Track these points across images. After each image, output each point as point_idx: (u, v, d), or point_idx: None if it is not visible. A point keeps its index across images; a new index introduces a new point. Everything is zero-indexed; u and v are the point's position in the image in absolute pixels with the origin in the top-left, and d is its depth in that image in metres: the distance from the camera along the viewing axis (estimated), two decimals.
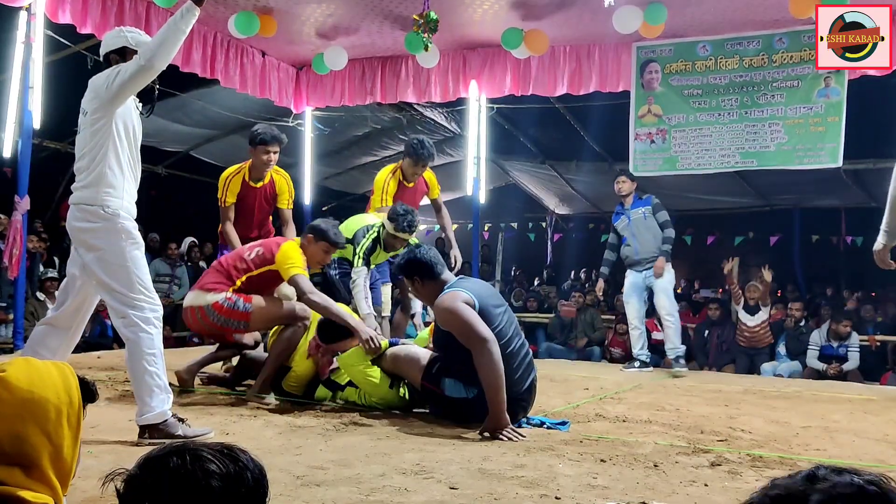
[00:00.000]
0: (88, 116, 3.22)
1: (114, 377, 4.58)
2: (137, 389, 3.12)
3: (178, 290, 9.13)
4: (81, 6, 5.64)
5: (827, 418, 4.21)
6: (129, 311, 3.12)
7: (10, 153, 5.86)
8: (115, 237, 3.14)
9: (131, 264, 3.14)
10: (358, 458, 2.88)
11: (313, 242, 4.29)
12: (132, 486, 1.11)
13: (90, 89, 3.24)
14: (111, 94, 3.13)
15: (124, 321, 3.13)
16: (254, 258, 4.24)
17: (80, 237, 3.22)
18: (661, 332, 8.02)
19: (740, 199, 11.07)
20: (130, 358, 3.13)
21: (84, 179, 3.21)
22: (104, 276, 3.14)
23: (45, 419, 1.28)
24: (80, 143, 3.26)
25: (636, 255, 6.51)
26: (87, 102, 3.25)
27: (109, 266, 3.13)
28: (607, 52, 6.88)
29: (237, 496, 1.10)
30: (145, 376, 3.10)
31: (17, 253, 5.48)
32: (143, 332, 3.12)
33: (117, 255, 3.13)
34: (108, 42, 3.39)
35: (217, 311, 4.12)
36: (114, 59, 3.31)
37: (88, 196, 3.17)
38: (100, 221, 3.15)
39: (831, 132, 6.25)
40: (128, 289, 3.12)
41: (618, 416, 3.97)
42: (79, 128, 3.30)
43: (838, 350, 7.41)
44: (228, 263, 4.30)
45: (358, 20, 6.62)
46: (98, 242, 3.15)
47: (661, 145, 6.82)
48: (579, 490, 2.53)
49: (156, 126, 8.76)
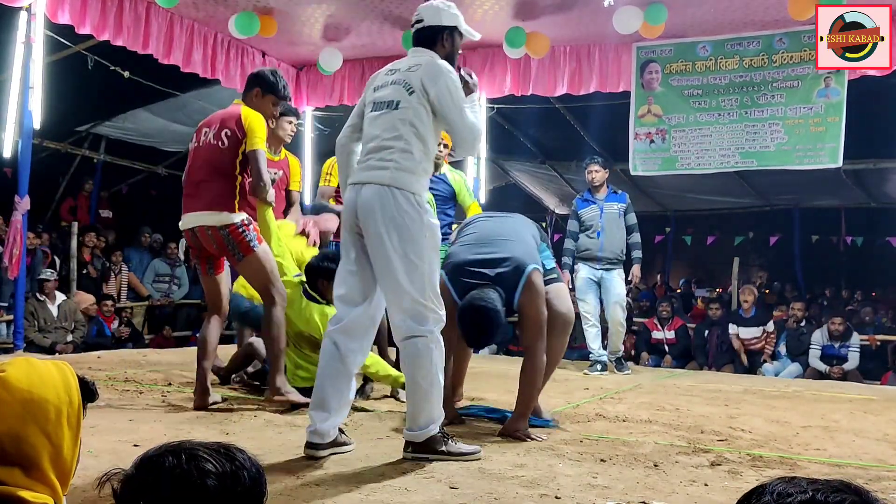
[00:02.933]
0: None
1: (114, 377, 4.58)
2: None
3: (177, 290, 9.13)
4: (81, 6, 5.65)
5: (827, 418, 4.21)
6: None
7: (11, 153, 5.87)
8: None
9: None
10: (358, 457, 2.88)
11: (260, 97, 3.83)
12: (128, 486, 1.11)
13: (418, 69, 2.88)
14: (432, 102, 2.84)
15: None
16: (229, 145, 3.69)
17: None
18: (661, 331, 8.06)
19: (740, 199, 11.07)
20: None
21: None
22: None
23: (45, 419, 1.28)
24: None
25: (600, 250, 6.08)
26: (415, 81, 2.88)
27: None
28: (607, 53, 6.88)
29: (234, 495, 1.09)
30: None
31: (17, 253, 5.48)
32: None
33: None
34: (444, 16, 2.99)
35: (231, 233, 3.68)
36: (445, 39, 2.99)
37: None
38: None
39: (831, 132, 6.26)
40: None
41: (618, 416, 3.96)
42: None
43: (840, 350, 7.41)
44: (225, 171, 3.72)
45: (358, 20, 6.62)
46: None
47: (661, 145, 6.83)
48: (579, 490, 2.53)
49: (156, 126, 8.78)
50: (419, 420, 2.85)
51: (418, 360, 2.80)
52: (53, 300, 7.06)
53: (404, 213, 2.78)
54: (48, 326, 6.93)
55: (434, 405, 2.85)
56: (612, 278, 6.13)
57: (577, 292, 6.14)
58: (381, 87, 2.96)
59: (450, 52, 3.01)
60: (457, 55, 3.08)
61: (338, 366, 2.87)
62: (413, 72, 2.88)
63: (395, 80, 2.91)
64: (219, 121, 3.80)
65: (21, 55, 5.55)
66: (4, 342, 6.60)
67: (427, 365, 2.80)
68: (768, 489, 0.96)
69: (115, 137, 9.31)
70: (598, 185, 6.23)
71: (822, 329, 7.59)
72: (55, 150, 8.91)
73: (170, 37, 6.36)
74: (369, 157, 2.90)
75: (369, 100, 3.00)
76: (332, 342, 2.88)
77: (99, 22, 5.79)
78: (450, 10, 3.02)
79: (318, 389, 2.89)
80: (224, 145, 3.71)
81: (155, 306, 8.96)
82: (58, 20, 5.59)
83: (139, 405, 3.76)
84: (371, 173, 2.85)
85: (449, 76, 2.85)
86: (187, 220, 3.77)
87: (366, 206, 2.81)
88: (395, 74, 2.93)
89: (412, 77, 2.86)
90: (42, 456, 1.27)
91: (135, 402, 3.85)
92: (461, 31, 3.05)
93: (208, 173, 3.73)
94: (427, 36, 2.99)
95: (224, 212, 3.66)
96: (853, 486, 0.94)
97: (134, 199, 10.87)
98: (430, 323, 2.81)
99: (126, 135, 9.16)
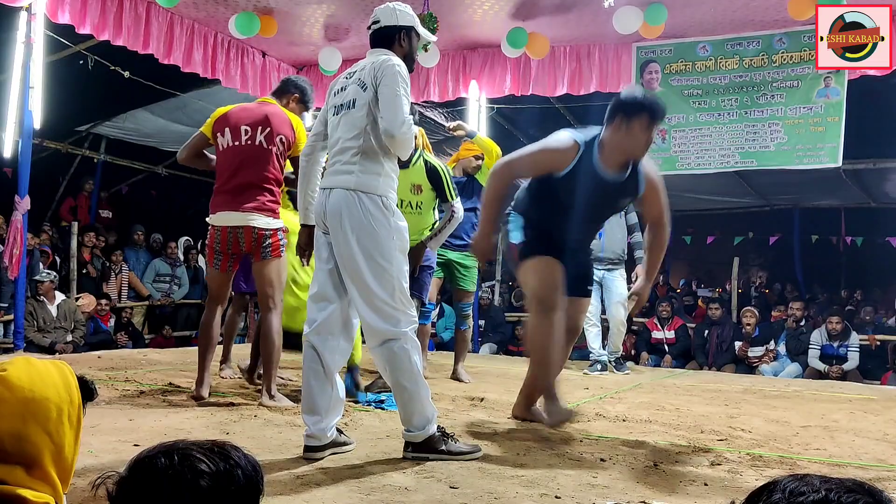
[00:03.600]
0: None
1: (114, 377, 4.58)
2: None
3: (178, 290, 9.14)
4: (81, 6, 5.65)
5: (827, 418, 4.21)
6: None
7: (11, 153, 5.87)
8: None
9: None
10: (358, 457, 2.88)
11: (296, 103, 4.18)
12: (122, 488, 1.11)
13: (370, 68, 2.88)
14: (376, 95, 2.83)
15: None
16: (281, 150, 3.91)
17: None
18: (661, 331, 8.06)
19: (740, 199, 11.07)
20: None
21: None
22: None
23: (46, 418, 1.28)
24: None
25: (601, 251, 6.06)
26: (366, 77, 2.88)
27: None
28: (607, 53, 6.88)
29: (229, 493, 1.09)
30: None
31: (17, 253, 5.48)
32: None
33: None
34: (399, 16, 3.01)
35: (272, 236, 3.87)
36: (402, 39, 3.00)
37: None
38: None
39: (831, 132, 6.26)
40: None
41: (618, 416, 3.97)
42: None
43: (839, 350, 7.40)
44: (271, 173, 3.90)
45: (358, 21, 6.62)
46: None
47: (661, 145, 6.83)
48: (579, 489, 2.53)
49: (156, 126, 8.78)
50: (413, 421, 2.86)
51: (397, 362, 2.80)
52: (52, 300, 7.06)
53: (371, 217, 2.79)
54: (47, 326, 6.93)
55: (425, 404, 2.85)
56: (613, 278, 6.14)
57: None
58: (341, 90, 2.97)
59: (407, 51, 3.01)
60: (415, 56, 3.08)
61: (318, 368, 2.86)
62: (366, 70, 2.88)
63: (352, 81, 2.92)
64: (265, 122, 3.90)
65: (21, 55, 5.55)
66: (4, 342, 6.60)
67: (407, 366, 2.80)
68: (780, 486, 0.93)
69: (115, 137, 9.31)
70: None
71: (820, 329, 7.59)
72: (55, 150, 8.91)
73: (170, 37, 6.37)
74: (335, 160, 2.91)
75: (331, 104, 3.02)
76: (309, 345, 2.89)
77: (99, 22, 5.79)
78: (406, 11, 3.02)
79: (305, 394, 2.89)
80: (279, 151, 3.91)
81: (155, 306, 8.97)
82: (58, 20, 5.59)
83: (139, 405, 3.76)
84: (337, 178, 2.86)
85: (397, 69, 2.83)
86: (231, 217, 3.84)
87: (333, 211, 2.82)
88: (353, 76, 2.94)
89: (365, 75, 2.87)
90: (44, 455, 1.27)
91: (135, 402, 3.84)
92: (417, 31, 3.06)
93: (258, 177, 3.85)
94: (384, 36, 2.99)
95: (273, 217, 3.89)
96: (867, 486, 0.92)
97: (134, 199, 10.87)
98: (402, 324, 2.80)
99: (126, 135, 9.16)
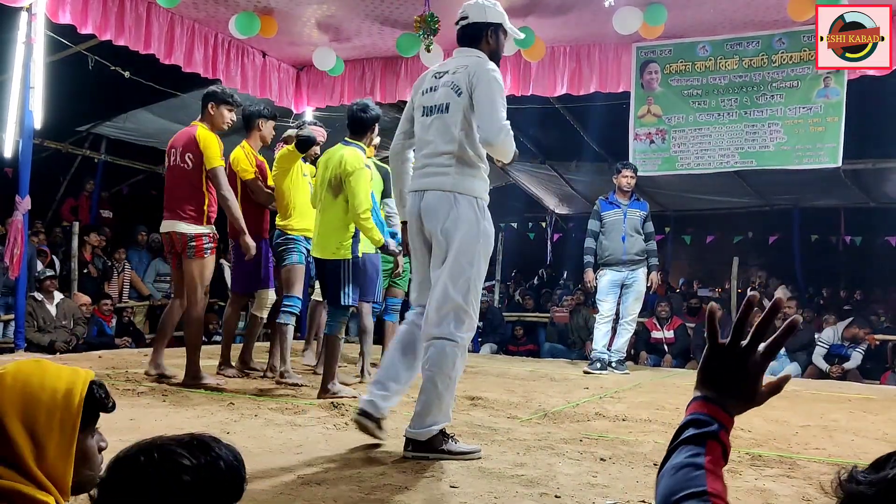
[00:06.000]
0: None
1: (114, 377, 4.59)
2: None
3: None
4: (82, 7, 5.65)
5: (826, 417, 4.22)
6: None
7: (11, 153, 5.87)
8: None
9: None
10: (358, 457, 2.89)
11: (216, 110, 4.51)
12: (104, 490, 1.11)
13: (465, 69, 2.90)
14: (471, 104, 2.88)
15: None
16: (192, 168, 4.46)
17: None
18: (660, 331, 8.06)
19: (740, 199, 11.07)
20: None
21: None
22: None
23: (32, 418, 1.29)
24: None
25: (623, 254, 6.28)
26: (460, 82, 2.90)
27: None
28: (607, 53, 6.89)
29: (212, 486, 1.10)
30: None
31: (17, 253, 5.48)
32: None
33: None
34: (489, 13, 3.01)
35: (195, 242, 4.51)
36: (490, 36, 3.03)
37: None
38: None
39: (831, 132, 6.26)
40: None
41: (618, 415, 3.97)
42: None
43: (847, 351, 7.40)
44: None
45: (358, 21, 6.63)
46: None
47: (661, 145, 6.84)
48: (579, 489, 2.54)
49: (156, 126, 8.77)
50: (425, 419, 2.88)
51: (441, 362, 2.85)
52: (52, 300, 7.06)
53: (465, 218, 2.87)
54: (47, 326, 6.93)
55: (443, 408, 2.89)
56: (636, 276, 6.35)
57: (599, 293, 6.40)
58: (430, 90, 3.00)
59: (494, 49, 3.03)
60: (501, 53, 3.10)
61: (409, 352, 2.99)
62: (459, 73, 2.91)
63: (443, 83, 2.95)
64: (184, 144, 4.59)
65: (22, 55, 5.55)
66: (4, 342, 6.61)
67: (448, 369, 2.85)
68: None
69: (115, 137, 9.31)
70: (627, 190, 6.40)
71: (833, 328, 7.57)
72: (56, 150, 8.91)
73: (171, 37, 6.38)
74: (427, 162, 2.96)
75: (418, 104, 3.05)
76: (412, 325, 3.00)
77: (101, 22, 5.80)
78: (495, 8, 3.04)
79: (386, 366, 3.01)
80: (188, 167, 4.58)
81: (156, 306, 8.96)
82: (58, 20, 5.59)
83: (139, 405, 3.76)
84: (432, 179, 2.93)
85: (493, 74, 2.87)
86: (164, 224, 4.56)
87: (429, 210, 2.91)
88: (443, 77, 2.96)
89: (459, 78, 2.90)
90: (23, 452, 1.28)
91: (135, 402, 3.85)
92: (506, 28, 3.07)
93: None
94: (472, 33, 3.00)
95: (194, 224, 4.48)
96: None
97: (134, 199, 10.87)
98: (464, 329, 2.87)
99: (127, 135, 9.17)
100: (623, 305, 6.40)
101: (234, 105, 4.63)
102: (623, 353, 6.41)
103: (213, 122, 4.51)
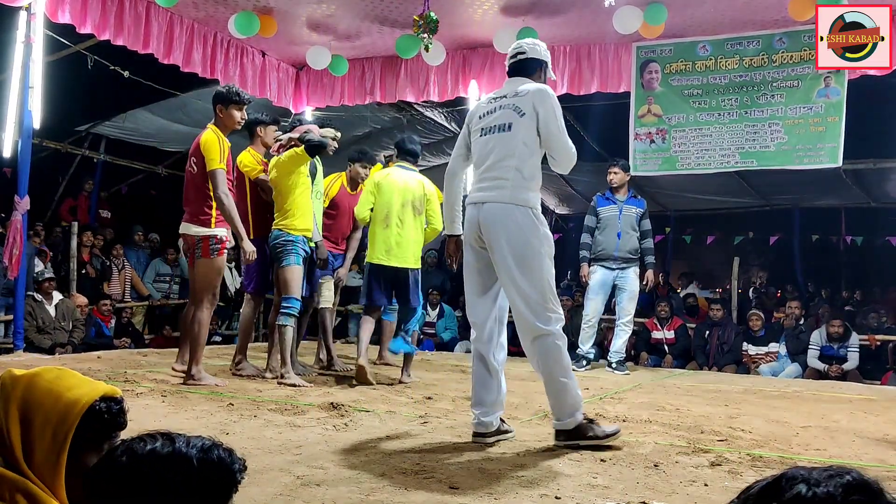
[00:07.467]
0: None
1: (114, 377, 4.58)
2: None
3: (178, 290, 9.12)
4: (81, 6, 5.65)
5: (827, 418, 4.21)
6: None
7: (10, 153, 5.86)
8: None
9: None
10: (358, 457, 2.88)
11: (224, 111, 4.58)
12: (87, 490, 1.13)
13: (527, 94, 3.23)
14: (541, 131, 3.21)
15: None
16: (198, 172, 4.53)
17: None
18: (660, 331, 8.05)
19: (740, 199, 11.07)
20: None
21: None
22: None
23: (28, 423, 1.32)
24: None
25: (616, 250, 6.23)
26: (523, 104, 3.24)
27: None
28: (607, 52, 6.88)
29: (193, 483, 1.10)
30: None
31: (17, 253, 5.48)
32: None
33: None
34: (542, 52, 3.41)
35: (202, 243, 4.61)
36: (541, 71, 3.40)
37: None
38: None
39: (831, 132, 6.25)
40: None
41: (618, 416, 3.96)
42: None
43: (838, 351, 7.39)
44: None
45: (358, 21, 6.62)
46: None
47: (661, 145, 6.83)
48: (579, 490, 2.53)
49: (156, 126, 8.77)
50: (564, 410, 3.13)
51: (551, 356, 3.11)
52: (51, 300, 7.05)
53: (525, 227, 3.14)
54: (47, 326, 6.92)
55: (574, 395, 3.13)
56: (627, 276, 6.30)
57: (589, 292, 6.36)
58: (488, 113, 3.31)
59: (542, 83, 3.37)
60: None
61: (485, 371, 3.26)
62: (522, 97, 3.21)
63: (502, 105, 3.26)
64: (194, 151, 4.65)
65: (21, 55, 5.55)
66: (4, 342, 6.60)
67: (560, 359, 3.11)
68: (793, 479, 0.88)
69: (114, 137, 9.30)
70: (617, 186, 6.37)
71: (820, 330, 7.57)
72: (55, 150, 8.90)
73: (170, 36, 6.37)
74: (485, 175, 3.25)
75: (475, 128, 3.35)
76: (477, 353, 3.29)
77: (100, 21, 5.79)
78: (545, 48, 3.43)
79: (474, 391, 3.30)
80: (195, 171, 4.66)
81: (155, 306, 8.96)
82: (58, 20, 5.59)
83: (139, 405, 3.75)
84: (491, 192, 3.21)
85: (555, 100, 3.21)
86: (181, 227, 4.64)
87: (488, 222, 3.17)
88: (501, 101, 3.28)
89: (522, 101, 3.21)
90: (16, 451, 1.31)
91: (135, 402, 3.84)
92: (549, 67, 3.44)
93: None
94: (526, 66, 3.36)
95: (202, 227, 4.56)
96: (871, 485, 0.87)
97: (133, 199, 10.86)
98: (552, 322, 3.11)
99: (126, 135, 9.16)
100: (618, 306, 6.39)
101: (242, 102, 4.67)
102: (622, 353, 6.38)
103: (224, 123, 4.60)
